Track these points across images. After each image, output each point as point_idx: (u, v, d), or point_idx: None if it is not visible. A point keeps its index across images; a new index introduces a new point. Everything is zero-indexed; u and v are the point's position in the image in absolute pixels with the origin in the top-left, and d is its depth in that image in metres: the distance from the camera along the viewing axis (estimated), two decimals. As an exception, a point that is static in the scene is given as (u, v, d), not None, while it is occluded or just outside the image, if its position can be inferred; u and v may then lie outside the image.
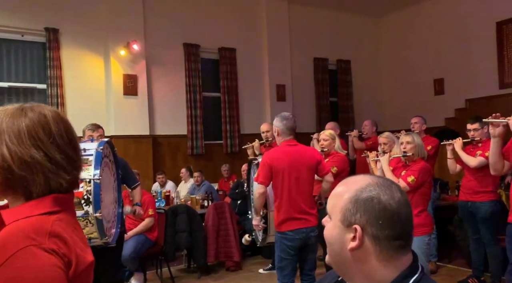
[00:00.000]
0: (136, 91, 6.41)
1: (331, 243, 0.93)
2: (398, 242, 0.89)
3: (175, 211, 4.83)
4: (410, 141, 3.23)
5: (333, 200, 0.94)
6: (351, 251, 0.89)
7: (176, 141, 6.83)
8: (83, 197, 2.44)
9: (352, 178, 0.97)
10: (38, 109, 0.99)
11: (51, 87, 5.77)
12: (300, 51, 7.87)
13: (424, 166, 3.16)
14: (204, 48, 6.99)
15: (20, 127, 0.94)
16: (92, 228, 2.50)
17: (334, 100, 8.35)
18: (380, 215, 0.88)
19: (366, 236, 0.88)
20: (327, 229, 0.95)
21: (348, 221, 0.89)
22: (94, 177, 2.44)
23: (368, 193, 0.90)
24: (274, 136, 4.50)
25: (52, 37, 5.79)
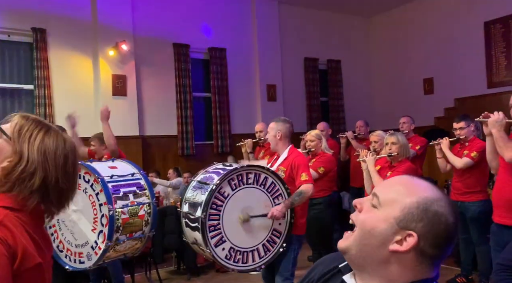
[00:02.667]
0: (126, 91, 6.36)
1: (372, 235, 0.86)
2: (437, 261, 0.87)
3: (163, 212, 4.81)
4: (395, 141, 3.25)
5: (395, 194, 0.87)
6: (391, 252, 0.85)
7: (166, 142, 6.80)
8: (144, 219, 2.74)
9: (422, 181, 0.91)
10: (65, 138, 1.13)
11: (38, 88, 5.71)
12: (291, 51, 7.87)
13: (409, 166, 3.17)
14: (194, 48, 6.96)
15: (58, 150, 1.07)
16: (139, 244, 2.80)
17: (325, 100, 8.36)
18: (440, 234, 0.84)
19: (415, 246, 0.84)
20: (371, 218, 0.87)
21: (406, 225, 0.84)
22: (153, 201, 2.80)
23: (440, 208, 0.85)
24: (268, 136, 4.46)
25: (39, 38, 5.73)
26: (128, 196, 2.62)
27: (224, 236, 2.79)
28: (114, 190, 2.57)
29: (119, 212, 2.52)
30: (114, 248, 2.54)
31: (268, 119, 5.40)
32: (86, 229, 2.58)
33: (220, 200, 2.77)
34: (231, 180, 2.82)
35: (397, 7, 8.10)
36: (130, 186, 2.68)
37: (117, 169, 2.72)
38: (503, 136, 2.66)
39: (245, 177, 2.85)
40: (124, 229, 2.57)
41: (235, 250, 2.83)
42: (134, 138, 6.40)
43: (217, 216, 2.77)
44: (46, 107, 5.75)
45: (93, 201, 2.57)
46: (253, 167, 2.92)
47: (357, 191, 5.16)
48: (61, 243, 2.71)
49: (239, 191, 2.84)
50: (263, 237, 2.89)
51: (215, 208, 2.77)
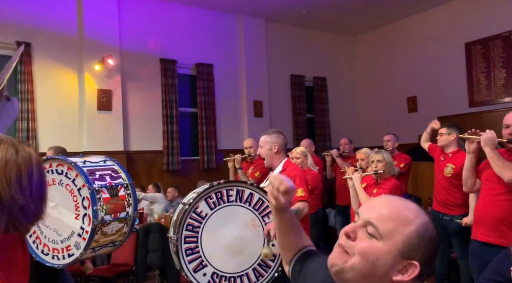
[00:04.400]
0: (111, 106, 6.31)
1: (375, 266, 0.87)
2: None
3: (147, 229, 4.72)
4: (380, 159, 3.28)
5: (395, 224, 0.87)
6: (394, 281, 0.87)
7: (151, 157, 6.73)
8: (125, 200, 2.64)
9: (410, 205, 0.92)
10: (27, 150, 1.03)
11: (21, 102, 5.62)
12: (277, 68, 7.95)
13: (394, 183, 3.20)
14: (181, 63, 6.97)
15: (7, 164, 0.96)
16: (126, 229, 2.68)
17: (310, 117, 8.43)
18: (434, 255, 0.90)
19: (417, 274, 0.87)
20: (373, 249, 0.87)
21: (408, 255, 0.86)
22: (130, 182, 2.69)
23: (432, 232, 0.89)
24: (256, 151, 4.37)
25: (24, 51, 5.67)
26: (105, 178, 2.60)
27: (204, 260, 2.55)
28: (89, 172, 2.53)
29: (99, 191, 2.49)
30: (101, 230, 2.50)
31: (254, 135, 5.41)
32: (69, 219, 2.53)
33: (197, 221, 2.56)
34: (208, 198, 2.60)
35: (381, 27, 8.29)
36: (104, 170, 2.65)
37: (89, 158, 2.71)
38: (499, 155, 2.63)
39: (226, 194, 2.63)
40: (108, 208, 2.53)
41: (219, 275, 2.56)
42: (118, 153, 6.32)
43: (194, 239, 2.54)
44: (29, 121, 5.65)
45: (71, 189, 2.53)
46: (233, 183, 2.69)
47: (343, 209, 5.16)
48: (45, 246, 2.65)
49: (219, 209, 2.61)
50: (253, 261, 2.62)
51: (191, 230, 2.55)
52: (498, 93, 6.61)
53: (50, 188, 2.63)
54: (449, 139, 3.84)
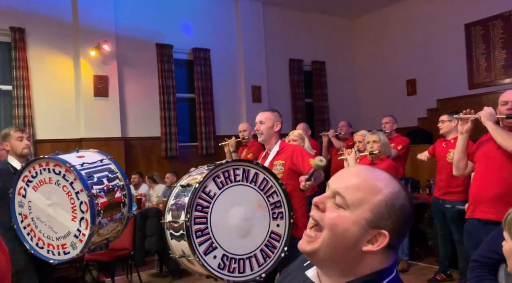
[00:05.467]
0: (107, 92, 6.27)
1: (344, 237, 0.85)
2: (398, 246, 0.90)
3: (144, 214, 4.74)
4: (376, 140, 3.26)
5: (363, 194, 0.85)
6: (364, 252, 0.85)
7: (150, 143, 6.72)
8: (121, 201, 2.70)
9: (381, 173, 0.90)
10: None
11: (17, 89, 5.58)
12: (276, 52, 7.86)
13: (390, 164, 3.18)
14: (177, 48, 6.90)
15: None
16: (120, 227, 2.77)
17: (309, 101, 8.37)
18: (405, 226, 0.87)
19: (387, 243, 0.85)
20: (339, 220, 0.85)
21: (377, 224, 0.84)
22: (126, 183, 2.74)
23: (402, 200, 0.86)
24: (250, 135, 4.32)
25: (18, 37, 5.61)
26: (102, 181, 2.64)
27: (214, 241, 2.47)
28: (88, 176, 2.56)
29: (96, 196, 2.54)
30: (98, 232, 2.57)
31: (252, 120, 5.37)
32: (65, 220, 2.58)
33: (206, 201, 2.48)
34: (216, 177, 2.50)
35: (379, 9, 8.17)
36: (102, 172, 2.69)
37: (85, 157, 2.71)
38: (501, 128, 2.64)
39: (233, 173, 2.55)
40: (105, 212, 2.58)
41: (229, 257, 2.50)
42: (116, 139, 6.31)
43: (203, 220, 2.45)
44: (25, 108, 5.62)
45: (68, 191, 2.56)
46: (240, 162, 2.63)
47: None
48: (40, 239, 2.69)
49: (227, 189, 2.54)
50: (260, 242, 2.58)
51: (201, 210, 2.45)
52: (498, 74, 6.54)
53: (46, 186, 2.64)
54: (450, 126, 3.87)
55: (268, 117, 2.86)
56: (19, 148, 2.96)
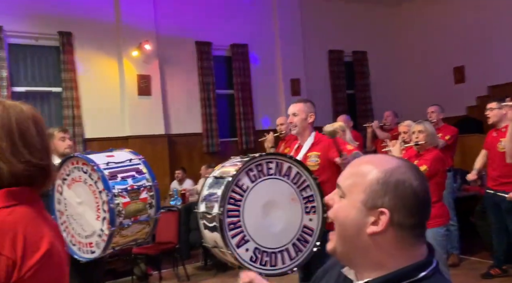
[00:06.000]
0: (150, 91, 6.44)
1: (345, 225, 0.85)
2: (420, 230, 0.85)
3: (188, 209, 4.83)
4: (422, 129, 3.12)
5: (354, 178, 0.86)
6: (370, 235, 0.82)
7: (192, 140, 6.84)
8: (147, 202, 2.67)
9: (378, 156, 0.90)
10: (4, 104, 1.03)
11: (66, 90, 5.87)
12: (314, 44, 7.74)
13: (436, 155, 3.04)
14: (216, 45, 6.97)
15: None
16: (148, 229, 2.73)
17: (351, 93, 8.20)
18: (409, 201, 0.82)
19: (391, 222, 0.82)
20: (339, 210, 0.86)
21: (373, 204, 0.82)
22: (154, 184, 2.70)
23: (399, 175, 0.83)
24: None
25: (66, 41, 5.88)
26: (127, 180, 2.61)
27: (246, 235, 2.47)
28: (111, 176, 2.56)
29: (118, 196, 2.52)
30: (120, 233, 2.55)
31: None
32: (91, 218, 2.61)
33: (239, 194, 2.48)
34: (249, 170, 2.50)
35: (424, -6, 7.82)
36: (128, 171, 2.66)
37: (114, 157, 2.74)
38: None
39: (265, 167, 2.54)
40: (127, 213, 2.55)
41: (261, 251, 2.49)
42: (160, 137, 6.48)
43: (236, 212, 2.46)
44: (73, 109, 5.89)
45: (93, 190, 2.58)
46: (273, 156, 2.62)
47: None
48: (73, 237, 2.75)
49: (259, 183, 2.53)
50: (292, 236, 2.56)
51: (234, 203, 2.46)
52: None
53: (76, 185, 2.70)
54: (500, 114, 3.68)
55: (301, 109, 2.79)
56: (61, 147, 3.11)
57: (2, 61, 5.45)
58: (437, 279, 0.84)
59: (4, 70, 5.45)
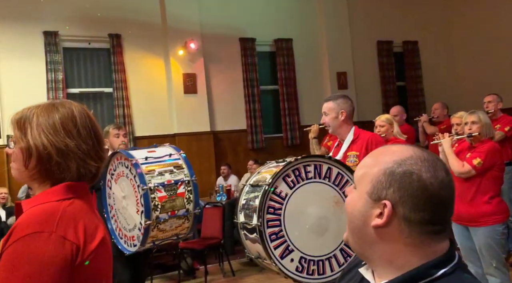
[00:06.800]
0: (196, 89, 6.55)
1: (353, 216, 0.83)
2: (433, 227, 0.78)
3: (233, 204, 4.84)
4: (475, 120, 2.88)
5: (363, 170, 0.83)
6: (375, 228, 0.79)
7: (237, 136, 6.88)
8: (185, 197, 2.68)
9: (391, 147, 0.85)
10: (67, 105, 1.11)
11: (116, 90, 6.11)
12: (361, 35, 7.49)
13: (492, 146, 2.79)
14: (260, 41, 6.94)
15: (54, 120, 1.06)
16: (187, 224, 2.74)
17: (401, 85, 7.84)
18: (416, 195, 0.76)
19: (395, 215, 0.77)
20: (350, 200, 0.85)
21: (378, 195, 0.79)
22: (192, 179, 2.71)
23: (407, 167, 0.78)
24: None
25: (116, 43, 6.12)
26: (164, 175, 2.63)
27: (290, 244, 2.35)
28: (148, 170, 2.59)
29: (154, 190, 2.54)
30: (157, 227, 2.58)
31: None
32: (133, 212, 2.67)
33: (278, 202, 2.37)
34: (286, 176, 2.38)
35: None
36: (166, 166, 2.69)
37: (155, 152, 2.77)
38: None
39: (303, 171, 2.41)
40: (164, 207, 2.56)
41: (307, 260, 2.37)
42: (206, 134, 6.57)
43: (277, 222, 2.35)
44: (124, 108, 6.13)
45: (133, 184, 2.64)
46: (311, 158, 2.47)
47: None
48: (120, 230, 2.83)
49: (299, 188, 2.40)
50: (339, 241, 2.40)
51: (273, 212, 2.35)
52: None
53: (121, 179, 2.78)
54: None
55: (330, 108, 2.64)
56: (115, 144, 3.23)
57: (58, 65, 5.78)
58: (458, 276, 0.76)
59: (60, 72, 5.78)
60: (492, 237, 2.80)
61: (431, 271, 0.76)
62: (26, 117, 1.07)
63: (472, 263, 3.03)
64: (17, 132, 1.06)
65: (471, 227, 2.88)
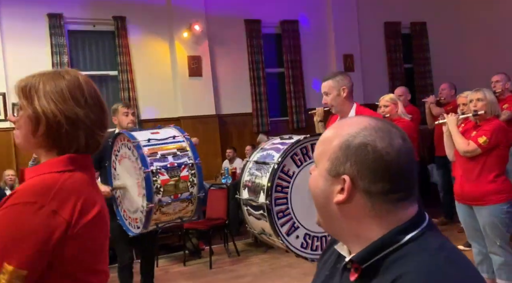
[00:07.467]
0: (201, 72, 6.52)
1: (316, 195, 0.83)
2: (396, 195, 0.76)
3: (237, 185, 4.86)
4: (481, 98, 2.83)
5: (322, 146, 0.82)
6: (337, 204, 0.78)
7: (242, 119, 6.86)
8: (189, 180, 2.65)
9: (346, 120, 0.84)
10: (72, 73, 1.10)
11: (121, 73, 6.10)
12: (369, 16, 7.36)
13: (498, 125, 2.75)
14: (265, 23, 6.86)
15: (62, 88, 1.05)
16: (191, 207, 2.72)
17: (409, 67, 7.74)
18: (374, 166, 0.75)
19: (356, 189, 0.76)
20: (312, 179, 0.84)
21: (336, 171, 0.78)
22: (196, 161, 2.68)
23: (361, 138, 0.77)
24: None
25: (120, 25, 6.09)
26: (167, 158, 2.59)
27: (296, 222, 2.41)
28: (150, 153, 2.55)
29: (156, 173, 2.51)
30: (160, 210, 2.56)
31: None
32: (135, 195, 2.65)
33: (286, 181, 2.39)
34: (294, 155, 2.41)
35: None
36: (169, 149, 2.64)
37: (159, 134, 2.73)
38: None
39: (311, 149, 2.44)
40: (166, 191, 2.54)
41: (311, 236, 2.43)
42: (211, 117, 6.56)
43: (284, 200, 2.40)
44: (129, 91, 6.13)
45: (135, 167, 2.62)
46: (318, 137, 2.41)
47: (442, 161, 4.70)
48: (125, 212, 2.83)
49: (306, 166, 2.42)
50: None
51: (281, 191, 2.38)
52: None
53: (124, 161, 2.76)
54: None
55: (330, 86, 2.59)
56: (124, 122, 3.21)
57: (63, 47, 5.77)
58: (427, 237, 0.75)
59: (65, 55, 5.77)
60: (497, 216, 2.78)
61: (397, 237, 0.74)
62: (32, 85, 1.05)
63: (476, 243, 3.03)
64: (23, 100, 1.05)
65: (476, 206, 2.87)
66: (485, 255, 2.97)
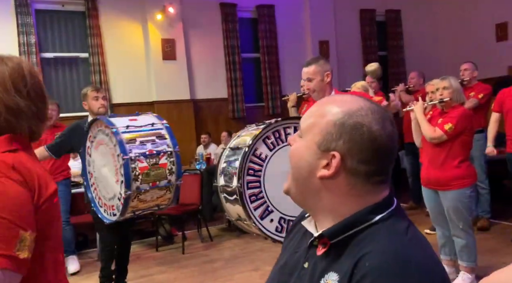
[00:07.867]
0: (175, 55, 6.41)
1: (298, 166, 0.83)
2: (378, 178, 0.78)
3: (211, 171, 4.85)
4: (447, 86, 2.91)
5: (313, 119, 0.82)
6: (320, 179, 0.79)
7: (217, 105, 6.81)
8: (167, 168, 2.61)
9: (340, 96, 0.84)
10: (16, 60, 1.08)
11: (92, 56, 5.93)
12: (344, 3, 7.39)
13: (463, 112, 2.84)
14: (241, 6, 6.78)
15: (4, 76, 1.02)
16: (169, 195, 2.69)
17: (383, 54, 7.83)
18: (366, 147, 0.76)
19: (343, 166, 0.77)
20: (296, 149, 0.84)
21: (327, 146, 0.78)
22: (175, 149, 2.63)
23: (357, 118, 0.77)
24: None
25: (91, 6, 5.89)
26: (146, 145, 2.56)
27: (269, 205, 2.43)
28: (129, 140, 2.50)
29: (135, 160, 2.48)
30: (138, 198, 2.53)
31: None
32: (112, 182, 2.60)
33: (258, 164, 2.40)
34: (266, 138, 2.40)
35: None
36: (147, 136, 2.59)
37: (137, 121, 2.67)
38: None
39: (283, 133, 2.45)
40: (144, 178, 2.51)
41: (286, 220, 2.44)
42: (185, 101, 6.49)
43: (257, 184, 2.41)
44: (100, 74, 5.97)
45: (112, 153, 2.56)
46: (291, 121, 2.49)
47: (411, 147, 4.82)
48: (100, 199, 2.78)
49: (278, 150, 2.43)
50: None
51: (253, 174, 2.40)
52: None
53: (101, 147, 2.68)
54: None
55: (315, 72, 2.56)
56: (95, 107, 3.11)
57: (30, 27, 5.54)
58: (394, 221, 0.77)
59: (32, 36, 5.55)
60: (460, 200, 2.88)
61: (369, 216, 0.77)
62: None
63: (440, 226, 3.14)
64: None
65: (441, 191, 2.96)
66: (448, 238, 3.09)
